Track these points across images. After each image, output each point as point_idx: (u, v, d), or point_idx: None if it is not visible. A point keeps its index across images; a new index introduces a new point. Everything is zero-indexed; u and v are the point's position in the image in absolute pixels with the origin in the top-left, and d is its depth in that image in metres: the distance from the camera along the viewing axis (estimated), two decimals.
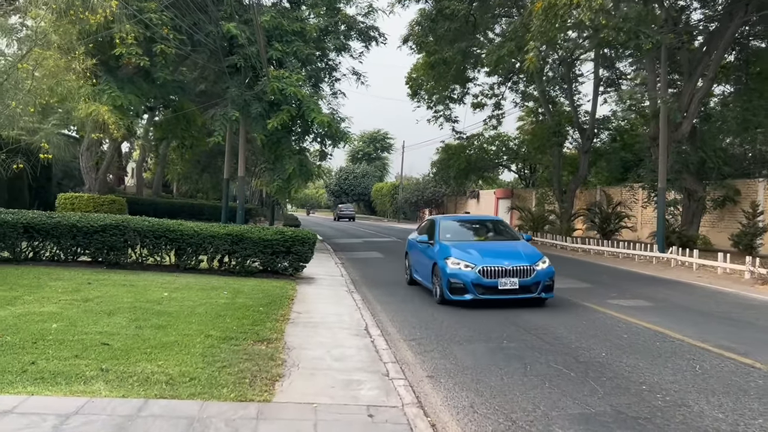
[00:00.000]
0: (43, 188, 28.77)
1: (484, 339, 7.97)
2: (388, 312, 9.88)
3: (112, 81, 18.09)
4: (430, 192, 59.10)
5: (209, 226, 12.80)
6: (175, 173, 41.65)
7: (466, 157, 43.49)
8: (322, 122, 18.70)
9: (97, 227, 12.17)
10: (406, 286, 13.20)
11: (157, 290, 9.87)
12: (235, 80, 20.04)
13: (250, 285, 11.26)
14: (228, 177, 23.36)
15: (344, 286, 12.66)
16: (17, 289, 9.11)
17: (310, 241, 12.99)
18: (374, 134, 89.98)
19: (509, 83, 41.06)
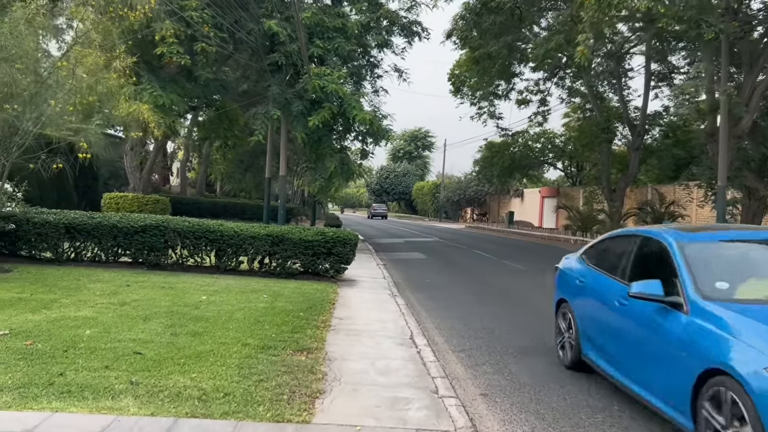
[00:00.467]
0: (90, 188, 29.25)
1: (541, 350, 7.38)
2: (434, 319, 9.35)
3: (154, 80, 18.06)
4: (473, 191, 58.18)
5: (249, 227, 12.51)
6: (218, 173, 41.99)
7: (510, 155, 42.54)
8: (363, 120, 18.29)
9: (138, 228, 12.01)
10: (452, 290, 12.64)
11: (195, 293, 9.59)
12: (276, 78, 19.80)
13: (291, 288, 10.90)
14: (270, 176, 23.21)
15: (387, 289, 12.19)
16: (56, 291, 8.95)
17: (352, 242, 12.57)
18: (415, 132, 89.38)
19: (555, 79, 39.91)
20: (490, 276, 15.35)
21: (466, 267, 17.54)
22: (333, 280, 12.57)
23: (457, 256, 20.74)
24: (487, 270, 16.73)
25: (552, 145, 45.72)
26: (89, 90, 9.94)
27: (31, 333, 6.38)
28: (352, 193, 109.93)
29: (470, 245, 26.03)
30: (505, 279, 14.80)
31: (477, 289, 12.84)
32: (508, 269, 17.07)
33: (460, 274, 15.58)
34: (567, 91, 41.02)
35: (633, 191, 35.75)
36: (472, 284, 13.67)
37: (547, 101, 41.48)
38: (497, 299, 11.68)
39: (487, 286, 13.53)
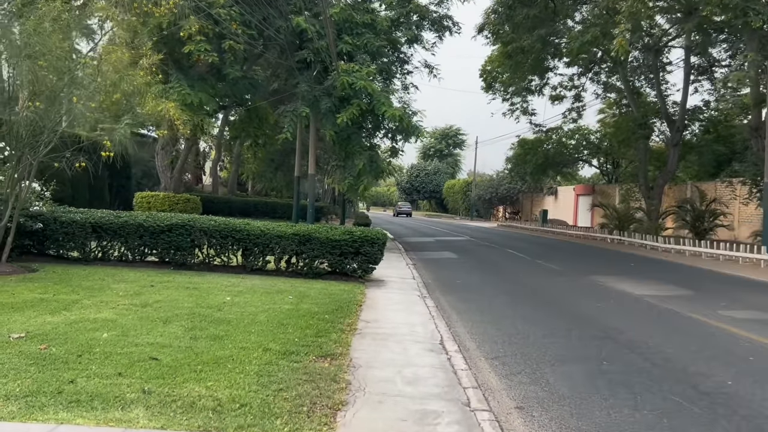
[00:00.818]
0: (123, 187, 29.51)
1: (580, 358, 6.90)
2: (465, 322, 8.93)
3: (182, 79, 18.00)
4: (505, 189, 57.29)
5: (276, 226, 12.26)
6: (249, 172, 42.15)
7: (543, 152, 41.69)
8: (393, 116, 17.92)
9: (164, 227, 11.87)
10: (484, 291, 12.19)
11: (219, 294, 9.36)
12: (304, 76, 19.59)
13: (317, 288, 10.61)
14: (299, 175, 23.03)
15: (416, 290, 11.80)
16: (79, 291, 8.81)
17: (380, 242, 12.21)
18: (446, 130, 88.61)
19: (590, 74, 39.00)
20: (524, 276, 14.83)
21: (499, 267, 17.04)
22: (361, 280, 12.24)
23: (489, 256, 20.22)
24: (521, 270, 16.20)
25: (587, 142, 44.65)
26: (114, 87, 9.78)
27: (47, 336, 6.19)
28: (383, 192, 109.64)
29: (502, 244, 25.45)
30: (539, 280, 14.27)
31: (510, 291, 12.37)
32: (542, 269, 16.51)
33: (493, 275, 15.11)
34: (602, 86, 40.08)
35: (671, 189, 34.61)
36: (505, 285, 13.19)
37: (581, 97, 40.59)
38: (532, 301, 11.19)
39: (521, 287, 13.03)
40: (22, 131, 10.52)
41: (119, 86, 9.81)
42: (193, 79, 18.75)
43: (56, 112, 9.88)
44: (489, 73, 36.97)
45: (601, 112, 48.50)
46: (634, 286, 13.20)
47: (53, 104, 9.60)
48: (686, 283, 13.94)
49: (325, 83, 19.09)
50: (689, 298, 11.60)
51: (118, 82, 9.75)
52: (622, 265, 18.77)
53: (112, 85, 9.71)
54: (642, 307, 10.64)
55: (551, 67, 32.92)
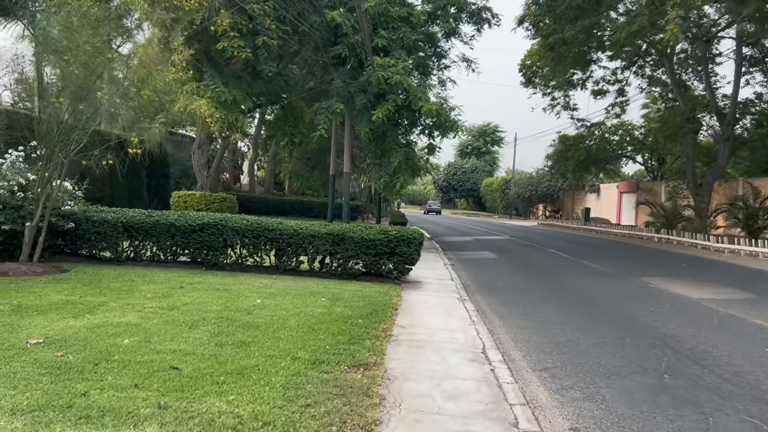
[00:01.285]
0: (162, 187, 29.74)
1: (638, 370, 6.26)
2: (509, 328, 8.34)
3: (216, 77, 17.80)
4: (545, 187, 56.05)
5: (309, 225, 11.87)
6: (286, 171, 42.12)
7: (585, 149, 40.52)
8: (429, 111, 17.36)
9: (195, 226, 11.60)
10: (527, 294, 11.55)
11: (250, 296, 8.99)
12: (339, 72, 19.20)
13: (351, 290, 10.16)
14: (334, 173, 22.68)
15: (455, 292, 11.24)
16: (106, 293, 8.55)
17: (416, 242, 11.70)
18: (484, 128, 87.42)
19: (634, 67, 37.72)
20: (569, 278, 14.10)
21: (542, 268, 16.31)
22: (396, 281, 11.76)
23: (531, 256, 19.48)
24: (565, 271, 15.45)
25: (631, 138, 43.23)
26: (142, 83, 9.51)
27: (66, 342, 5.88)
28: (419, 190, 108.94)
29: (544, 243, 24.61)
30: (585, 281, 13.52)
31: (555, 294, 11.69)
32: (587, 270, 15.72)
33: (536, 276, 14.41)
34: (647, 80, 38.77)
35: (721, 185, 33.09)
36: (550, 287, 12.51)
37: (625, 92, 39.32)
38: (579, 305, 10.50)
39: (567, 289, 12.33)
40: (54, 128, 10.36)
41: (148, 82, 9.52)
42: (227, 77, 18.55)
43: (88, 108, 9.64)
44: (528, 67, 36.09)
45: (645, 107, 47.04)
46: (689, 288, 12.36)
47: (78, 100, 9.37)
48: (746, 285, 13.02)
49: (360, 79, 18.66)
50: (753, 303, 10.75)
51: (146, 77, 9.47)
52: (672, 265, 17.82)
53: (140, 81, 9.43)
54: (701, 312, 9.86)
55: (594, 59, 31.73)
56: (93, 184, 23.58)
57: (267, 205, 37.45)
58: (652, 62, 37.53)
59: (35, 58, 9.31)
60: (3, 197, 10.53)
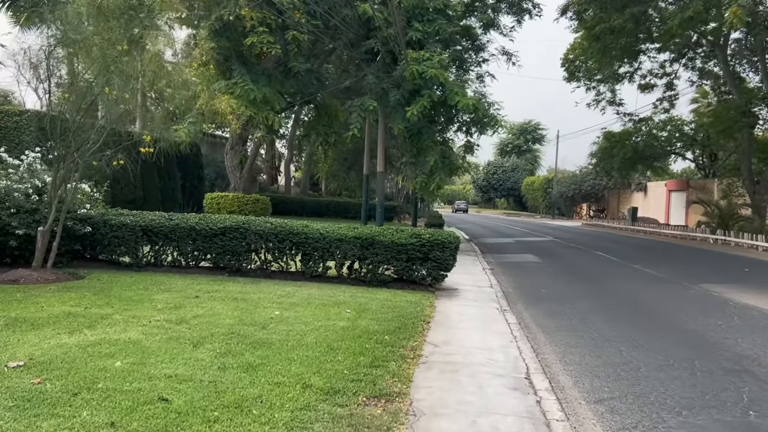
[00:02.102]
0: (196, 188, 29.51)
1: (714, 404, 5.24)
2: (556, 346, 7.36)
3: (245, 74, 17.20)
4: (589, 185, 54.09)
5: (336, 228, 11.09)
6: (323, 172, 41.61)
7: (632, 145, 38.79)
8: (467, 106, 16.39)
9: (217, 230, 10.96)
10: (574, 303, 10.50)
11: (269, 307, 8.25)
12: (371, 67, 18.38)
13: (380, 299, 9.33)
14: (367, 173, 21.91)
15: (494, 301, 10.29)
16: (115, 303, 7.93)
17: (452, 246, 10.78)
18: (524, 125, 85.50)
19: (683, 60, 35.88)
20: (620, 284, 12.94)
21: (589, 273, 15.15)
22: (430, 289, 10.87)
23: (577, 259, 18.28)
24: (615, 276, 14.27)
25: (680, 133, 41.18)
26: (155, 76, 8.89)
27: (50, 365, 5.21)
28: (458, 190, 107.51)
29: (590, 245, 23.29)
30: (638, 289, 12.36)
31: (606, 303, 10.60)
32: (640, 276, 14.50)
33: (583, 282, 13.29)
34: (697, 73, 36.88)
35: None
36: (599, 296, 11.41)
37: (673, 85, 37.52)
38: (634, 317, 9.41)
39: (619, 298, 11.21)
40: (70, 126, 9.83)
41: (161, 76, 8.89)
42: (257, 75, 17.94)
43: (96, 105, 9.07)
44: (571, 62, 34.70)
45: (694, 101, 44.90)
46: (758, 297, 11.11)
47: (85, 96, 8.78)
48: None
49: (393, 74, 17.81)
50: None
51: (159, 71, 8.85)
52: (734, 270, 16.41)
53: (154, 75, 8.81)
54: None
55: (643, 50, 30.01)
56: (125, 186, 23.51)
57: (302, 207, 37.02)
58: (702, 54, 35.72)
59: (47, 50, 8.74)
60: (17, 200, 10.08)
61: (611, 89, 33.69)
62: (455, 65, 20.33)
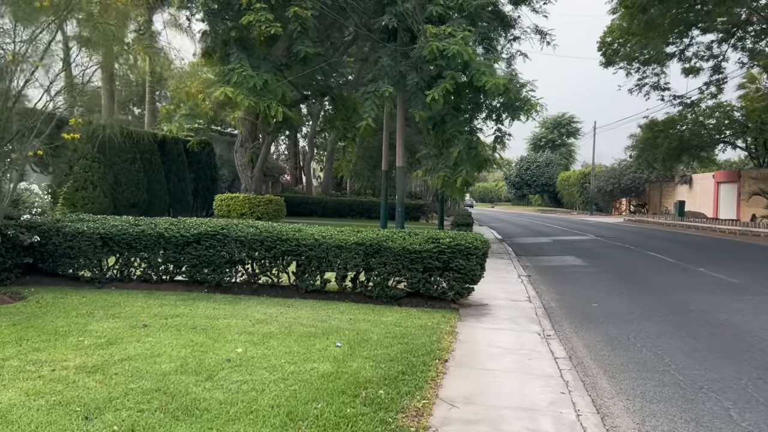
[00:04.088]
0: (209, 191, 27.85)
1: None
2: (630, 400, 5.13)
3: (244, 59, 15.27)
4: (629, 179, 51.00)
5: (335, 233, 9.02)
6: (346, 170, 39.63)
7: (677, 135, 35.91)
8: (496, 87, 14.12)
9: (189, 237, 9.00)
10: (638, 323, 8.20)
11: (233, 341, 6.22)
12: (387, 48, 16.25)
13: (386, 323, 7.23)
14: (386, 168, 19.80)
15: (534, 321, 8.08)
16: (28, 339, 6.00)
17: (479, 252, 8.60)
18: (558, 119, 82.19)
19: (732, 39, 32.89)
20: (690, 296, 10.51)
21: (646, 280, 12.74)
22: (453, 305, 8.73)
23: (627, 262, 15.82)
24: (680, 284, 11.85)
25: (730, 120, 38.00)
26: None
27: None
28: (490, 187, 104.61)
29: (639, 244, 20.73)
30: (716, 302, 9.92)
31: (680, 324, 8.26)
32: (711, 283, 12.04)
33: (642, 293, 10.91)
34: (747, 53, 33.82)
35: None
36: (668, 313, 9.04)
37: (721, 68, 34.53)
38: (729, 348, 7.04)
39: (695, 316, 8.81)
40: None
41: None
42: (258, 60, 16.01)
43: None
44: (609, 45, 32.12)
45: (741, 87, 41.68)
46: None
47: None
48: None
49: (411, 54, 15.66)
50: None
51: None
52: None
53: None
54: None
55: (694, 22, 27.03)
56: (127, 189, 21.88)
57: (324, 207, 35.13)
58: (753, 33, 32.75)
59: None
60: None
61: (655, 72, 30.96)
62: (482, 45, 18.08)
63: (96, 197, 19.48)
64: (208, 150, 28.77)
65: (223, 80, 15.25)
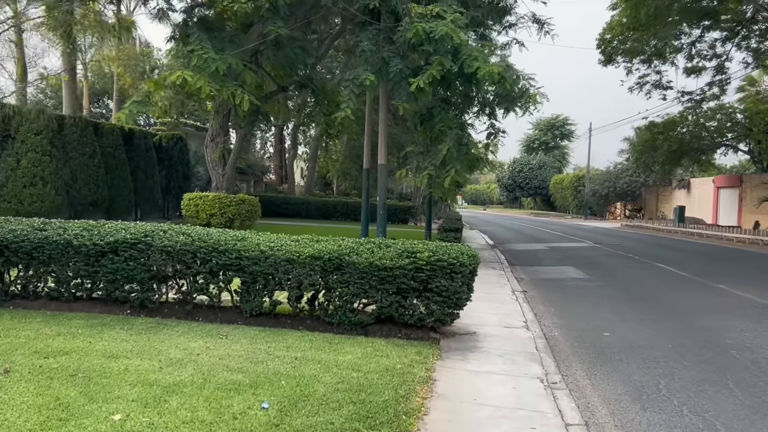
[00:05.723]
0: (182, 189, 25.89)
1: None
2: None
3: (205, 40, 13.46)
4: (625, 182, 49.42)
5: (287, 243, 7.22)
6: (334, 170, 37.84)
7: (677, 137, 34.40)
8: (490, 75, 12.35)
9: (104, 246, 7.19)
10: (667, 364, 6.46)
11: (117, 399, 4.45)
12: (368, 32, 14.47)
13: (342, 366, 5.48)
14: (368, 167, 18.00)
15: (535, 360, 6.33)
16: None
17: (465, 270, 6.83)
18: (552, 121, 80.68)
19: (736, 39, 31.43)
20: (717, 321, 8.77)
21: (661, 298, 10.99)
22: (434, 333, 6.98)
23: (635, 275, 14.08)
24: (701, 305, 10.12)
25: (732, 122, 36.50)
26: None
27: None
28: (482, 190, 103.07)
29: (643, 253, 19.02)
30: (755, 331, 8.08)
31: (720, 366, 6.48)
32: (738, 304, 10.30)
33: (661, 317, 9.13)
34: (752, 54, 32.38)
35: None
36: (699, 346, 7.28)
37: (724, 68, 33.10)
38: None
39: (736, 354, 6.96)
40: None
41: None
42: (223, 42, 14.21)
43: None
44: (608, 42, 30.56)
45: (741, 90, 40.33)
46: None
47: None
48: None
49: (395, 37, 13.91)
50: None
51: None
52: None
53: None
54: None
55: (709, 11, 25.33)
56: (84, 186, 19.94)
57: (307, 208, 33.30)
58: (758, 32, 31.34)
59: None
60: None
61: (657, 70, 29.42)
62: (475, 32, 16.37)
63: (47, 195, 17.58)
64: (180, 145, 26.90)
65: (185, 64, 13.45)
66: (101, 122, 19.90)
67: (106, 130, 20.94)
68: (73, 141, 19.34)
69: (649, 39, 26.27)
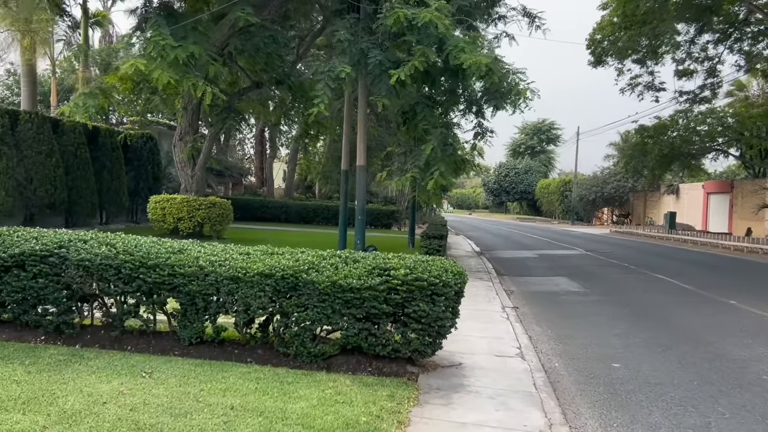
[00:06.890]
0: (151, 190, 24.37)
1: None
2: None
3: (164, 26, 12.16)
4: (612, 187, 48.62)
5: (232, 257, 5.94)
6: (315, 172, 36.50)
7: (668, 141, 33.61)
8: (477, 66, 11.16)
9: (6, 260, 5.86)
10: (702, 412, 5.28)
11: None
12: (345, 20, 13.26)
13: (289, 420, 4.23)
14: (346, 168, 16.76)
15: (534, 404, 5.11)
16: None
17: (450, 292, 5.60)
18: (538, 125, 79.98)
19: (728, 41, 30.73)
20: (742, 349, 7.56)
21: (669, 317, 9.83)
22: (411, 367, 5.73)
23: (634, 287, 12.93)
24: (717, 326, 8.96)
25: (723, 127, 35.78)
26: None
27: None
28: (468, 194, 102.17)
29: (639, 262, 17.92)
30: None
31: (764, 412, 5.34)
32: (759, 324, 9.14)
33: (675, 342, 7.92)
34: (744, 56, 31.70)
35: None
36: (730, 383, 6.07)
37: (716, 71, 32.38)
38: None
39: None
40: None
41: None
42: (185, 30, 12.91)
43: None
44: (599, 43, 29.65)
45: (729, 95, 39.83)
46: None
47: None
48: None
49: (375, 26, 12.71)
50: None
51: None
52: None
53: None
54: None
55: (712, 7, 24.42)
56: (40, 186, 18.44)
57: (286, 212, 31.98)
58: (751, 35, 30.66)
59: None
60: None
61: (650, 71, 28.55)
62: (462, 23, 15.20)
63: None
64: (151, 145, 25.43)
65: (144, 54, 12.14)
66: (61, 119, 18.37)
67: (66, 127, 19.46)
68: (28, 138, 17.87)
69: (641, 38, 25.34)
